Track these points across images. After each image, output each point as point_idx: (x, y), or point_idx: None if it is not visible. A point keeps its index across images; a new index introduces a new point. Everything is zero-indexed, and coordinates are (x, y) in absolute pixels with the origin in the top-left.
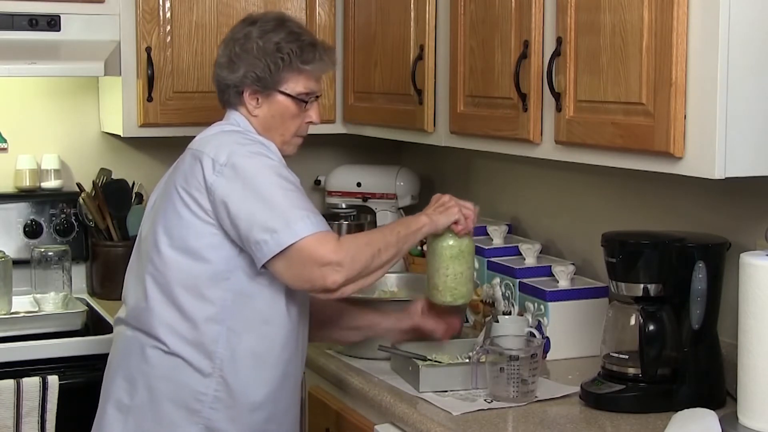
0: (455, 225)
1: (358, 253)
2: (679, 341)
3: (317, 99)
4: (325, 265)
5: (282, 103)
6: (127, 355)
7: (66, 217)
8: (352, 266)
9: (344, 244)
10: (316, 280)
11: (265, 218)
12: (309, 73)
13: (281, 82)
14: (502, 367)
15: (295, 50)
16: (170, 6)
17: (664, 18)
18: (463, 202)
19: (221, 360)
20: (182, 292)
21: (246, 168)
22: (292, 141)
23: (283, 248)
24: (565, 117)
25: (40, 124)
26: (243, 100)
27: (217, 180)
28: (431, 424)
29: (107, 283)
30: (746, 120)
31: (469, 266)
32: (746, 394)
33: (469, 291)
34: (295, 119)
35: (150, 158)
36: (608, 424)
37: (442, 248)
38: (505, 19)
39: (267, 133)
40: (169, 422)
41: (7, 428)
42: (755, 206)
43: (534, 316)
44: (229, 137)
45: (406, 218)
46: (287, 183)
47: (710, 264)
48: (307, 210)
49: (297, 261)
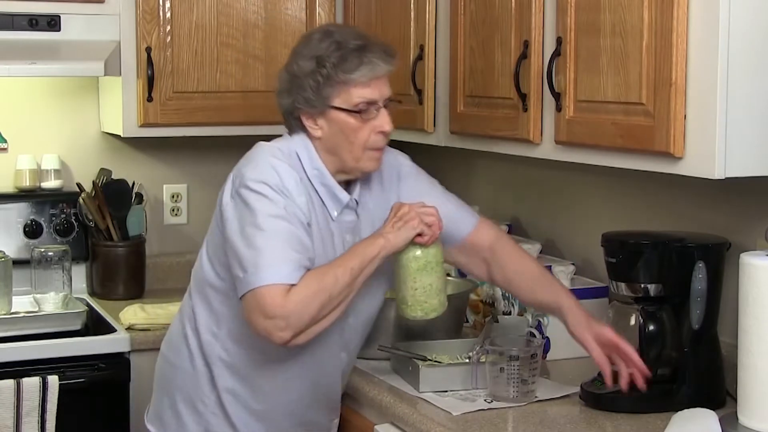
0: (419, 237)
1: (307, 307)
2: (679, 341)
3: (387, 105)
4: (270, 319)
5: (339, 119)
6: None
7: (66, 217)
8: (298, 321)
9: (293, 298)
10: (261, 332)
11: (242, 256)
12: (357, 81)
13: (330, 98)
14: (502, 367)
15: (335, 61)
16: (170, 6)
17: (664, 18)
18: (423, 209)
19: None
20: (195, 292)
21: (247, 199)
22: (365, 156)
23: (247, 290)
24: (565, 117)
25: (40, 124)
26: (303, 125)
27: (228, 205)
28: (431, 424)
29: (107, 283)
30: (746, 120)
31: (438, 276)
32: (746, 394)
33: (441, 302)
34: (359, 132)
35: (150, 158)
36: (608, 424)
37: (407, 260)
38: (505, 19)
39: (334, 155)
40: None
41: (7, 428)
42: (755, 206)
43: (534, 316)
44: (258, 159)
45: (361, 244)
46: (280, 222)
47: (710, 264)
48: (283, 257)
49: (251, 308)
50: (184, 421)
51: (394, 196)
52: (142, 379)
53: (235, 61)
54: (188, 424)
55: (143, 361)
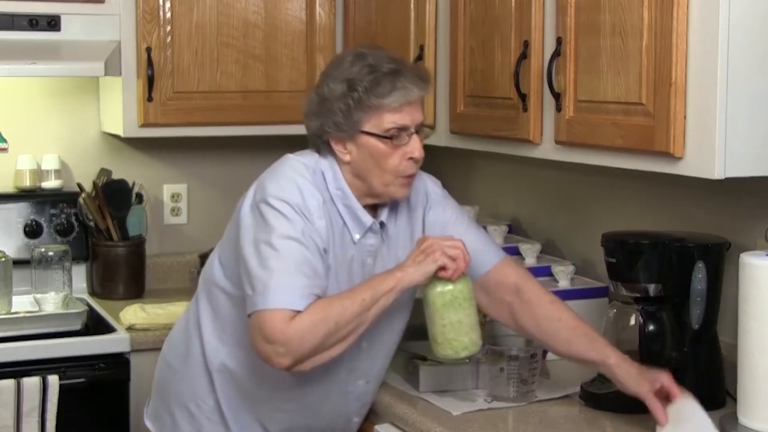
0: (443, 271)
1: (308, 335)
2: (679, 341)
3: (418, 131)
4: (270, 344)
5: (369, 144)
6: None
7: (66, 217)
8: (298, 349)
9: (296, 325)
10: (261, 355)
11: (253, 274)
12: (390, 107)
13: (361, 123)
14: (502, 367)
15: (367, 85)
16: (170, 6)
17: (664, 18)
18: (448, 242)
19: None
20: (203, 296)
21: (266, 215)
22: (394, 182)
23: (252, 311)
24: (565, 117)
25: (40, 124)
26: (331, 149)
27: (248, 213)
28: (431, 424)
29: (107, 283)
30: (746, 120)
31: (467, 313)
32: (746, 394)
33: (473, 341)
34: (389, 158)
35: (150, 158)
36: (608, 424)
37: (433, 296)
38: (505, 19)
39: (363, 179)
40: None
41: (7, 428)
42: (755, 206)
43: None
44: (282, 173)
45: (378, 276)
46: (295, 244)
47: (710, 264)
48: (292, 282)
49: (254, 329)
50: (177, 422)
51: (420, 222)
52: (142, 379)
53: (235, 61)
54: (181, 425)
55: (143, 361)
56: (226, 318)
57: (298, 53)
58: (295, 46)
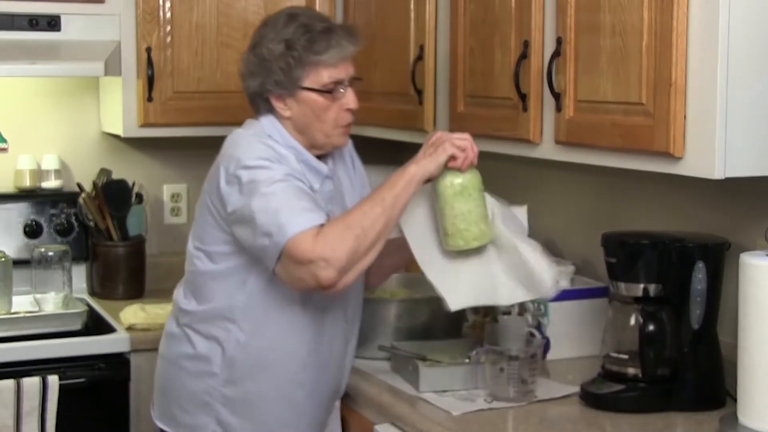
0: (453, 161)
1: (340, 242)
2: (679, 341)
3: (352, 84)
4: (310, 263)
5: (310, 99)
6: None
7: (66, 217)
8: (337, 257)
9: (322, 238)
10: (308, 280)
11: (262, 225)
12: (327, 62)
13: (301, 79)
14: (502, 367)
15: (305, 44)
16: (170, 6)
17: (664, 18)
18: (456, 134)
19: (230, 356)
20: (189, 287)
21: (250, 175)
22: (334, 132)
23: (279, 250)
24: (565, 117)
25: (40, 124)
26: (272, 106)
27: (227, 189)
28: (431, 424)
29: (107, 283)
30: (746, 120)
31: (477, 204)
32: (746, 394)
33: (482, 231)
34: (328, 111)
35: (150, 158)
36: (608, 424)
37: (443, 187)
38: (505, 19)
39: (305, 133)
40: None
41: (7, 428)
42: (755, 206)
43: (534, 316)
44: (245, 142)
45: (393, 176)
46: (287, 184)
47: (710, 264)
48: (299, 208)
49: (288, 263)
50: (193, 414)
51: (351, 167)
52: (142, 379)
53: (235, 62)
54: (197, 417)
55: (143, 361)
56: (210, 296)
57: None
58: None
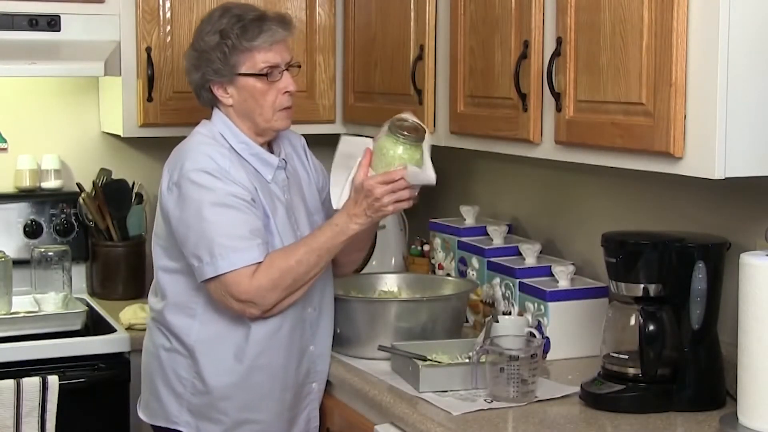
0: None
1: (271, 290)
2: (679, 341)
3: (288, 69)
4: (240, 302)
5: (248, 84)
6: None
7: (66, 217)
8: (267, 303)
9: (256, 282)
10: (236, 312)
11: (193, 245)
12: (260, 48)
13: (238, 66)
14: (502, 367)
15: (238, 32)
16: (170, 6)
17: (664, 18)
18: (394, 195)
19: (191, 348)
20: (159, 279)
21: (189, 190)
22: (275, 117)
23: (209, 277)
24: (565, 117)
25: (40, 124)
26: (215, 96)
27: (167, 196)
28: (431, 424)
29: (107, 283)
30: (746, 120)
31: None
32: (746, 394)
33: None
34: (267, 95)
35: (150, 158)
36: (608, 424)
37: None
38: (505, 19)
39: (247, 119)
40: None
41: (7, 428)
42: (755, 206)
43: (534, 316)
44: (193, 153)
45: (327, 229)
46: (226, 210)
47: (710, 264)
48: (236, 240)
49: (218, 292)
50: (164, 404)
51: (303, 154)
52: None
53: None
54: (168, 406)
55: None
56: (184, 294)
57: (298, 53)
58: (295, 46)
